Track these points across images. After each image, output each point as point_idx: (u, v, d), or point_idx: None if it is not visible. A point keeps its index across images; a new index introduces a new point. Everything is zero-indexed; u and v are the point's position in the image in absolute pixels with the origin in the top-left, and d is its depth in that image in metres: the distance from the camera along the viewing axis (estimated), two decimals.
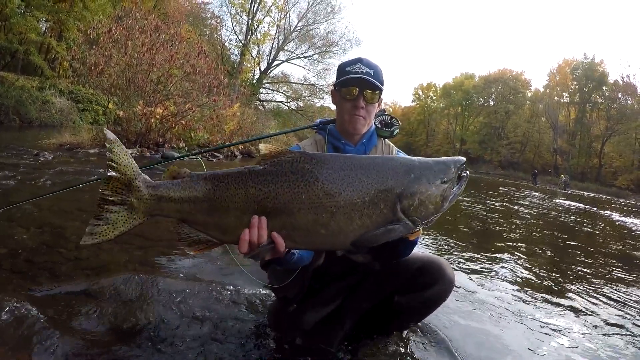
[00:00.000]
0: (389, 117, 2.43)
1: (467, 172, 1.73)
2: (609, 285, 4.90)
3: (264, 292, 3.04)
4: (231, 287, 3.05)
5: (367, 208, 1.56)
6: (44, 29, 30.49)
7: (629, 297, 4.53)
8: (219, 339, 2.35)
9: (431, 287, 2.26)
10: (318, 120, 2.44)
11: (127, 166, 1.59)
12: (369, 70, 2.09)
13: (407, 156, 1.72)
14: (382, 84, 2.13)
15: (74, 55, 13.89)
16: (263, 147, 1.62)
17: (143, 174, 1.63)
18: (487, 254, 5.68)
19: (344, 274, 2.37)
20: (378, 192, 1.57)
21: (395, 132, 2.41)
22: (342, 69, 2.16)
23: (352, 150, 2.23)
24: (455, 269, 4.51)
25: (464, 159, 1.73)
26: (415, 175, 1.61)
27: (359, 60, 2.13)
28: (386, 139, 2.41)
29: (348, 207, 1.55)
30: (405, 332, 2.61)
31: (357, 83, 2.09)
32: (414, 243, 2.04)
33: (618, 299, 4.42)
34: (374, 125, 2.32)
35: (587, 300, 4.22)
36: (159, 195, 1.59)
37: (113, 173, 1.57)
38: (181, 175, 1.62)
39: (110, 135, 1.58)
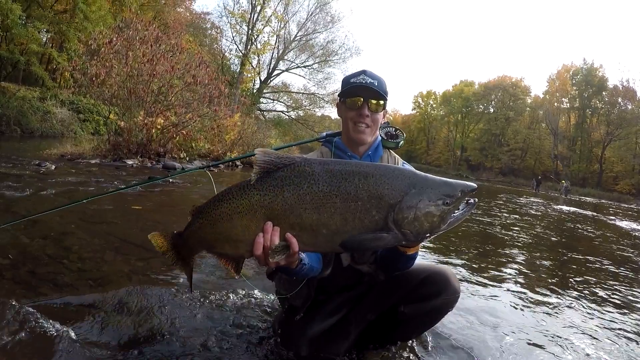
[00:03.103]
0: (394, 129, 2.46)
1: (476, 199, 1.72)
2: (617, 290, 4.89)
3: (268, 302, 3.04)
4: (235, 298, 3.04)
5: (360, 212, 1.58)
6: (44, 39, 30.62)
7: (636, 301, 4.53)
8: (223, 349, 2.34)
9: (437, 297, 2.25)
10: (324, 133, 2.47)
11: (167, 241, 1.90)
12: (372, 81, 2.12)
13: (414, 170, 1.73)
14: (386, 95, 2.16)
15: (74, 65, 13.93)
16: (261, 152, 1.65)
17: (175, 232, 1.91)
18: (491, 262, 5.66)
19: (349, 285, 2.38)
20: (372, 198, 1.59)
21: (401, 143, 2.43)
22: (346, 81, 2.21)
23: None
24: (460, 277, 4.51)
25: (475, 185, 1.71)
26: (416, 190, 1.61)
27: (362, 72, 2.17)
28: (392, 151, 2.43)
29: (343, 209, 1.58)
30: (411, 341, 2.60)
31: (361, 92, 2.13)
32: (412, 257, 2.05)
33: (626, 303, 4.41)
34: (379, 137, 2.35)
35: (595, 304, 4.20)
36: (183, 237, 1.85)
37: (165, 253, 1.92)
38: (194, 210, 1.81)
39: (151, 238, 1.91)
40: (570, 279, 5.24)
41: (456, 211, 1.65)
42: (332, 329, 2.30)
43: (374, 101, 2.14)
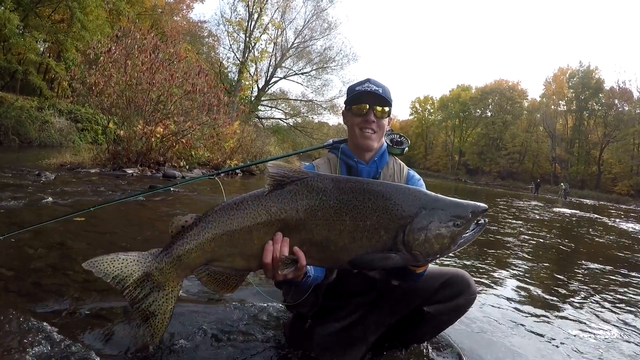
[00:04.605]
0: (398, 135, 2.52)
1: (486, 220, 1.72)
2: (617, 293, 4.89)
3: (278, 309, 3.01)
4: (245, 305, 3.02)
5: (368, 231, 1.58)
6: (42, 49, 30.65)
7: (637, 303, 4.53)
8: (233, 355, 2.32)
9: (458, 297, 2.33)
10: (331, 140, 2.50)
11: (129, 268, 1.60)
12: (377, 88, 2.17)
13: (424, 189, 1.71)
14: (391, 101, 2.21)
15: (73, 75, 13.90)
16: (273, 165, 1.65)
17: (148, 252, 1.64)
18: (493, 266, 5.65)
19: (361, 290, 2.37)
20: (380, 218, 1.58)
21: (405, 149, 2.48)
22: (352, 89, 2.27)
23: (364, 168, 2.29)
24: None
25: (486, 206, 1.70)
26: (427, 211, 1.60)
27: (367, 80, 2.22)
28: (397, 157, 2.46)
29: (352, 228, 1.58)
30: (425, 344, 2.65)
31: (366, 99, 2.17)
32: (420, 274, 2.04)
33: (626, 305, 4.42)
34: (385, 144, 2.38)
35: (596, 308, 4.21)
36: (175, 256, 1.61)
37: (126, 287, 1.59)
38: (188, 222, 1.64)
39: (90, 266, 1.59)
40: (572, 284, 5.23)
41: (466, 232, 1.65)
42: (349, 335, 2.30)
43: (379, 108, 2.18)
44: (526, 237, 9.04)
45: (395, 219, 1.58)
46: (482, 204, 1.69)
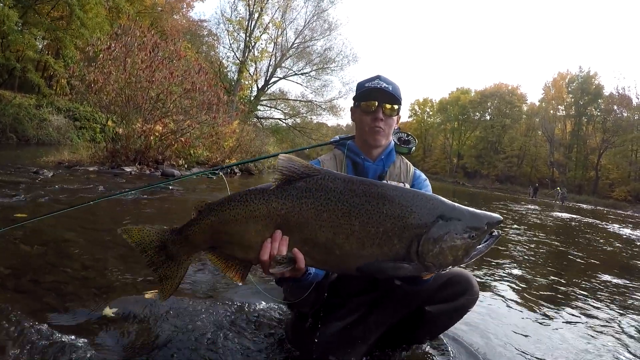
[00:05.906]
0: (406, 134, 2.49)
1: (500, 231, 1.68)
2: (623, 297, 4.87)
3: (280, 308, 2.98)
4: (245, 304, 2.98)
5: (380, 238, 1.52)
6: (41, 46, 30.53)
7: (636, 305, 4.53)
8: (236, 356, 2.29)
9: (460, 296, 2.31)
10: (337, 137, 2.48)
11: (150, 237, 1.77)
12: (387, 86, 2.14)
13: (441, 197, 1.66)
14: (400, 99, 2.18)
15: (72, 72, 13.84)
16: (284, 159, 1.60)
17: (168, 228, 1.79)
18: (493, 268, 5.63)
19: (364, 289, 2.34)
20: (394, 226, 1.53)
21: (413, 148, 2.45)
22: (361, 85, 2.23)
23: (371, 165, 2.26)
24: None
25: (501, 217, 1.66)
26: (443, 222, 1.55)
27: (377, 77, 2.19)
28: (404, 156, 2.44)
29: (361, 233, 1.52)
30: (427, 343, 2.63)
31: (376, 96, 2.14)
32: (428, 280, 2.01)
33: (633, 310, 4.39)
34: (392, 142, 2.35)
35: (603, 310, 4.18)
36: (184, 234, 1.72)
37: (146, 252, 1.78)
38: (203, 208, 1.71)
39: (123, 232, 1.79)
40: (572, 285, 5.22)
41: (480, 244, 1.61)
42: (350, 334, 2.26)
43: (388, 105, 2.14)
44: (526, 239, 9.03)
45: (410, 227, 1.52)
46: (497, 215, 1.65)
